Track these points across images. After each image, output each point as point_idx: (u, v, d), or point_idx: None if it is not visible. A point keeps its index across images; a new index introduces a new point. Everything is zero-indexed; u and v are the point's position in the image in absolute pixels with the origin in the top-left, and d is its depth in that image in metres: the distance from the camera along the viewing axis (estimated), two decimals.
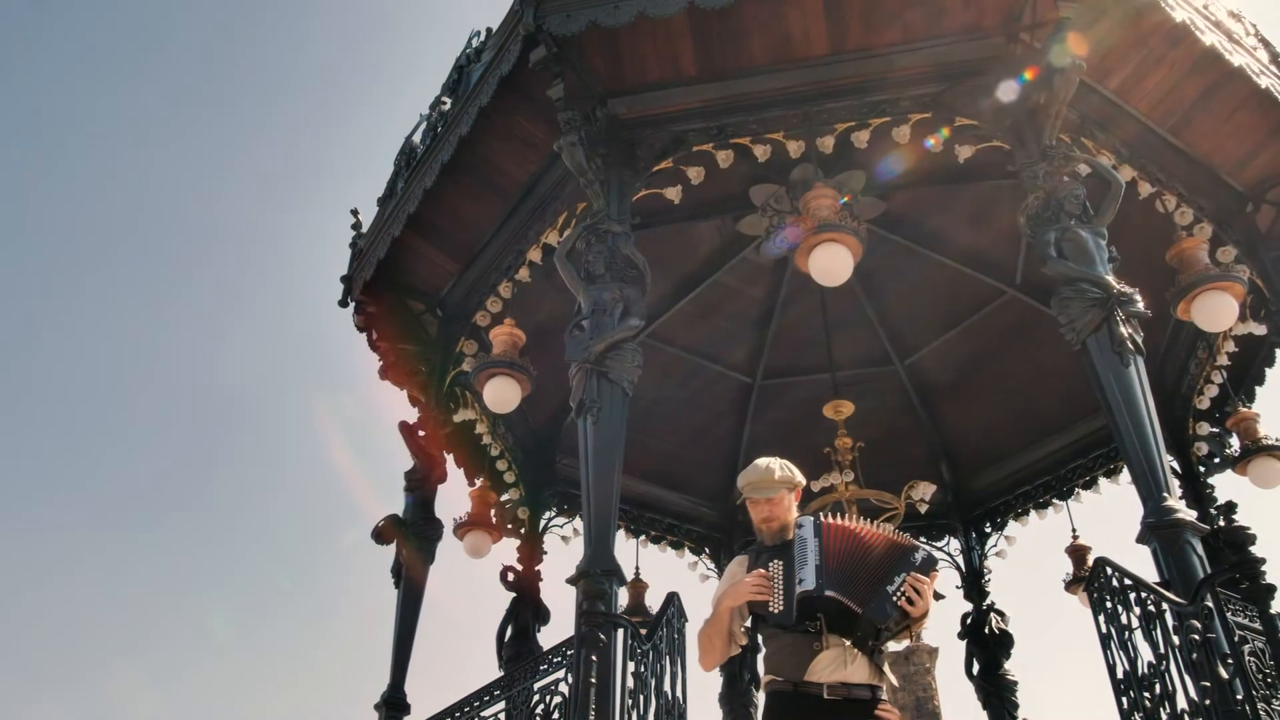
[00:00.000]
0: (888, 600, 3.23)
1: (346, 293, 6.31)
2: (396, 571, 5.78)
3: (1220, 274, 5.16)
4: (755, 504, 3.61)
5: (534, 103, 5.14)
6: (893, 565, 3.29)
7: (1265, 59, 5.28)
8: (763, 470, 3.64)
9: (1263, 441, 6.20)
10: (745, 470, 3.72)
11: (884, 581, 3.25)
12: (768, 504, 3.59)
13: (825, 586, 3.21)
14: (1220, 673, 3.20)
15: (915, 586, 3.23)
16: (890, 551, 3.34)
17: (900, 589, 3.23)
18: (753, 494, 3.62)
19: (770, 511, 3.58)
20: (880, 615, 3.22)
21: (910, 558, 3.31)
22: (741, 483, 3.70)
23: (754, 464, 3.71)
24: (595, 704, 3.62)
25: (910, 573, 3.25)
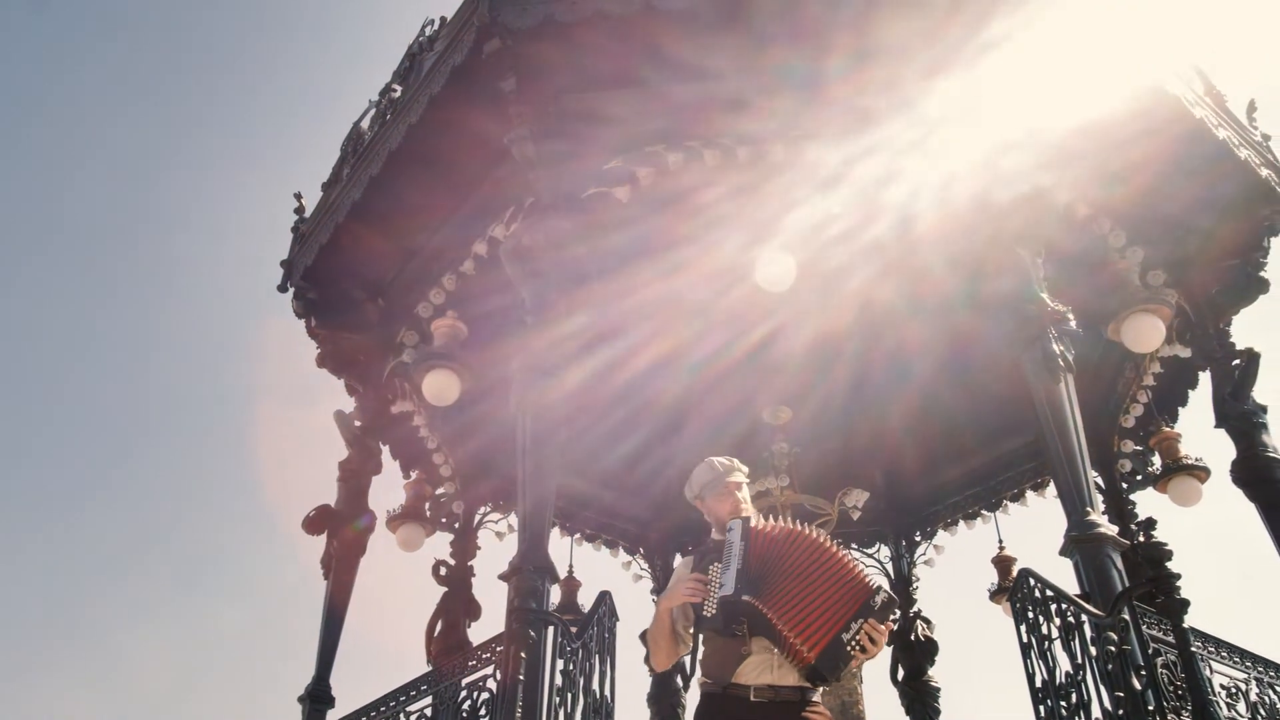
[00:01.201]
0: (840, 651, 3.12)
1: (286, 278, 6.20)
2: (326, 563, 5.70)
3: (1149, 296, 5.31)
4: (724, 496, 3.63)
5: (486, 94, 5.10)
6: (848, 608, 3.17)
7: (1200, 90, 5.43)
8: (728, 464, 3.70)
9: (1183, 461, 6.39)
10: (705, 467, 3.73)
11: (838, 628, 3.14)
12: (738, 490, 3.64)
13: (743, 592, 3.18)
14: (1134, 684, 3.30)
15: (871, 634, 3.19)
16: (844, 591, 3.21)
17: (856, 637, 3.15)
18: (723, 480, 3.65)
19: (739, 500, 3.62)
20: (830, 668, 3.13)
21: (870, 602, 3.19)
22: (707, 476, 3.70)
23: (711, 461, 3.73)
24: (523, 701, 3.61)
25: (869, 619, 3.17)
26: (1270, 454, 5.16)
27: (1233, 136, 5.43)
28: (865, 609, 3.18)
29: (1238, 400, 5.35)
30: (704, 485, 3.70)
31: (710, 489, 3.68)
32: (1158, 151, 5.53)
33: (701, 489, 3.71)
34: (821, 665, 3.14)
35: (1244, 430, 5.29)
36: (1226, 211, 5.70)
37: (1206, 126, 5.28)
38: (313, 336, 6.27)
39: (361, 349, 6.26)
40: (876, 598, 3.20)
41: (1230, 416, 5.35)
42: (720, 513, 3.61)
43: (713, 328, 7.83)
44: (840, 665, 3.15)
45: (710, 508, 3.68)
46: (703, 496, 3.72)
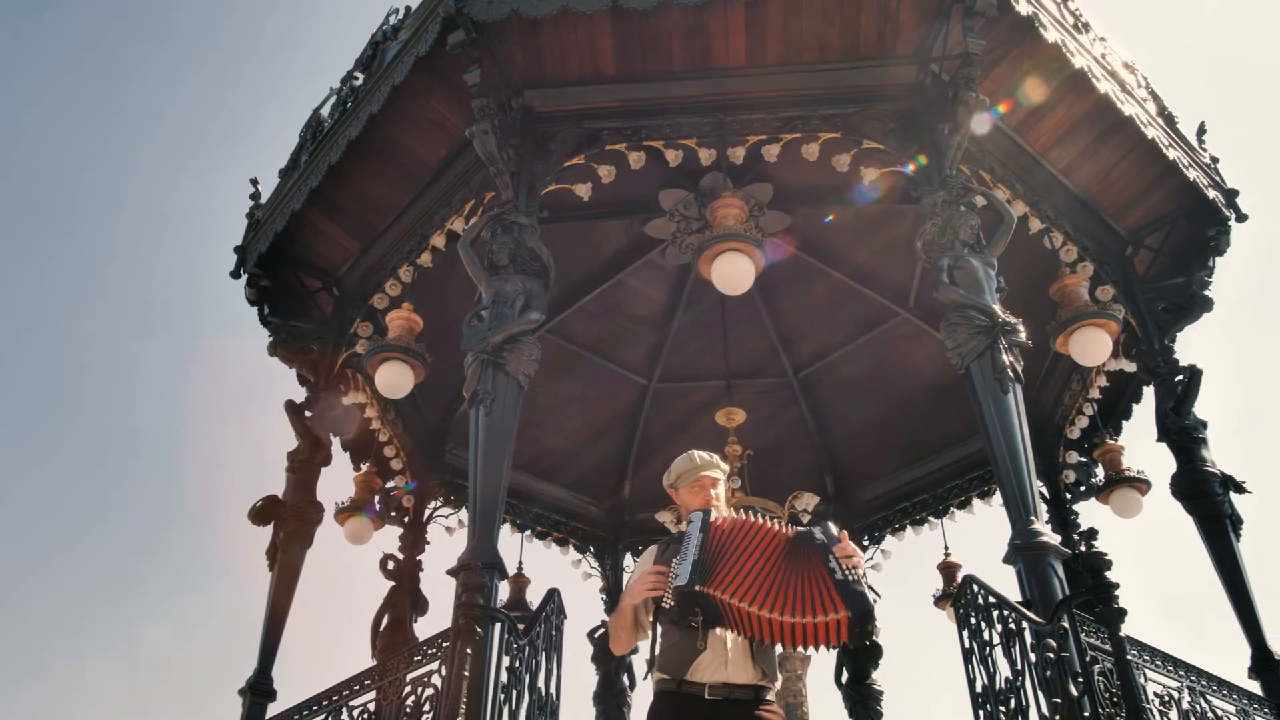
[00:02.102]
0: (851, 590, 3.04)
1: (240, 264, 6.11)
2: (271, 554, 5.63)
3: (1098, 311, 5.41)
4: (699, 486, 3.63)
5: (449, 87, 5.07)
6: (818, 561, 3.14)
7: (1153, 111, 5.56)
8: (708, 458, 3.71)
9: (1125, 473, 6.54)
10: (684, 457, 3.73)
11: (827, 574, 3.08)
12: (713, 485, 3.64)
13: (695, 582, 3.15)
14: (1071, 690, 3.36)
15: (846, 556, 3.15)
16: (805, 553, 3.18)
17: (843, 568, 3.09)
18: (699, 473, 3.65)
19: (713, 494, 3.62)
20: (861, 603, 3.02)
21: (814, 541, 3.19)
22: (684, 466, 3.70)
23: (693, 453, 3.73)
24: (467, 697, 3.59)
25: (832, 549, 3.15)
26: (1209, 469, 5.28)
27: (1182, 157, 5.56)
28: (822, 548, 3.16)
29: (1179, 415, 5.46)
30: (680, 475, 3.71)
31: (686, 479, 3.68)
32: (1110, 169, 5.66)
33: (678, 478, 3.72)
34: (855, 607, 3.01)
35: (1184, 445, 5.40)
36: (1174, 231, 5.83)
37: (1158, 146, 5.40)
38: (265, 324, 6.19)
39: (314, 339, 6.19)
40: (816, 533, 3.24)
41: (1172, 431, 5.46)
42: (691, 505, 3.61)
43: (668, 328, 7.89)
44: (867, 596, 3.04)
45: (683, 498, 3.69)
46: (677, 486, 3.72)
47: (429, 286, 5.94)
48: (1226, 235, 5.75)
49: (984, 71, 4.80)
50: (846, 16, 4.86)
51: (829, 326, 7.77)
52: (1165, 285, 5.88)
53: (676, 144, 5.16)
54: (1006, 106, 5.24)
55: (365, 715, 4.21)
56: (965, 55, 4.67)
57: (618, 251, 7.07)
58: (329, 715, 4.40)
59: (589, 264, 7.10)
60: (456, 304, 5.66)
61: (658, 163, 5.27)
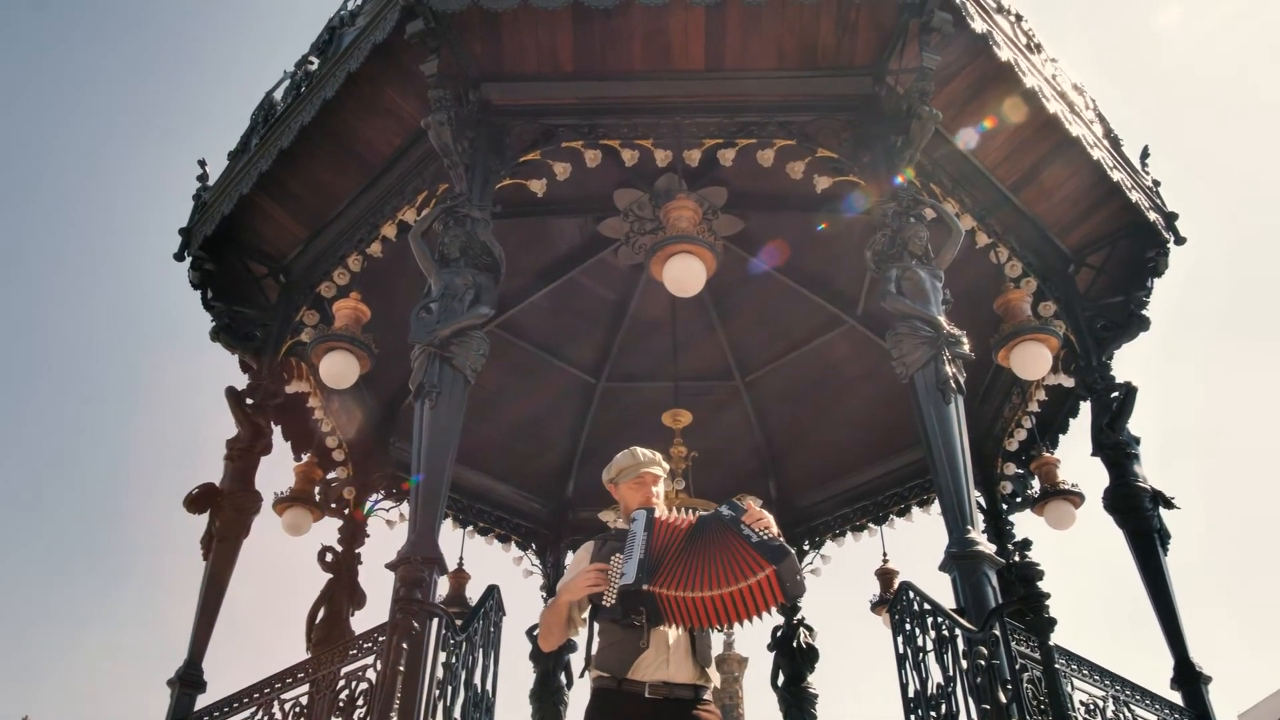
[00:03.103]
0: (768, 545, 3.08)
1: (184, 246, 5.99)
2: (206, 543, 5.52)
3: (1039, 326, 5.52)
4: (639, 483, 3.63)
5: (406, 76, 5.03)
6: (730, 533, 3.18)
7: (1100, 132, 5.69)
8: (651, 455, 3.71)
9: (1060, 486, 6.68)
10: (626, 453, 3.73)
11: (743, 541, 3.12)
12: (654, 483, 3.64)
13: (643, 581, 3.17)
14: (1000, 697, 3.43)
15: (756, 519, 3.19)
16: (718, 529, 3.23)
17: (756, 531, 3.13)
18: (641, 470, 3.65)
19: (654, 492, 3.62)
20: (780, 554, 3.05)
21: (723, 516, 3.25)
22: (625, 462, 3.70)
23: (635, 449, 3.73)
24: (401, 692, 3.56)
25: (741, 519, 3.19)
26: (1140, 484, 5.41)
27: (1125, 179, 5.69)
28: (732, 521, 3.20)
29: (1114, 431, 5.59)
30: (622, 470, 3.70)
31: (627, 475, 3.68)
32: (1057, 188, 5.78)
33: (619, 474, 3.71)
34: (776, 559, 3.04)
35: (1117, 460, 5.53)
36: (1116, 250, 5.97)
37: (1103, 168, 5.53)
38: (208, 309, 6.08)
39: (258, 325, 6.09)
40: (724, 510, 3.27)
41: (1106, 446, 5.59)
42: (631, 501, 3.62)
43: (618, 328, 7.89)
44: (782, 547, 3.08)
45: (623, 494, 3.68)
46: (617, 482, 3.71)
47: (378, 277, 5.87)
48: (1165, 257, 5.90)
49: (938, 87, 4.87)
50: (805, 25, 4.90)
51: (778, 332, 7.82)
52: (1105, 303, 6.00)
53: (633, 144, 5.16)
54: (957, 121, 5.32)
55: (297, 709, 4.15)
56: (920, 70, 4.73)
57: (570, 249, 7.06)
58: (260, 709, 4.33)
59: (541, 260, 7.08)
60: (405, 296, 5.60)
61: (614, 162, 5.27)
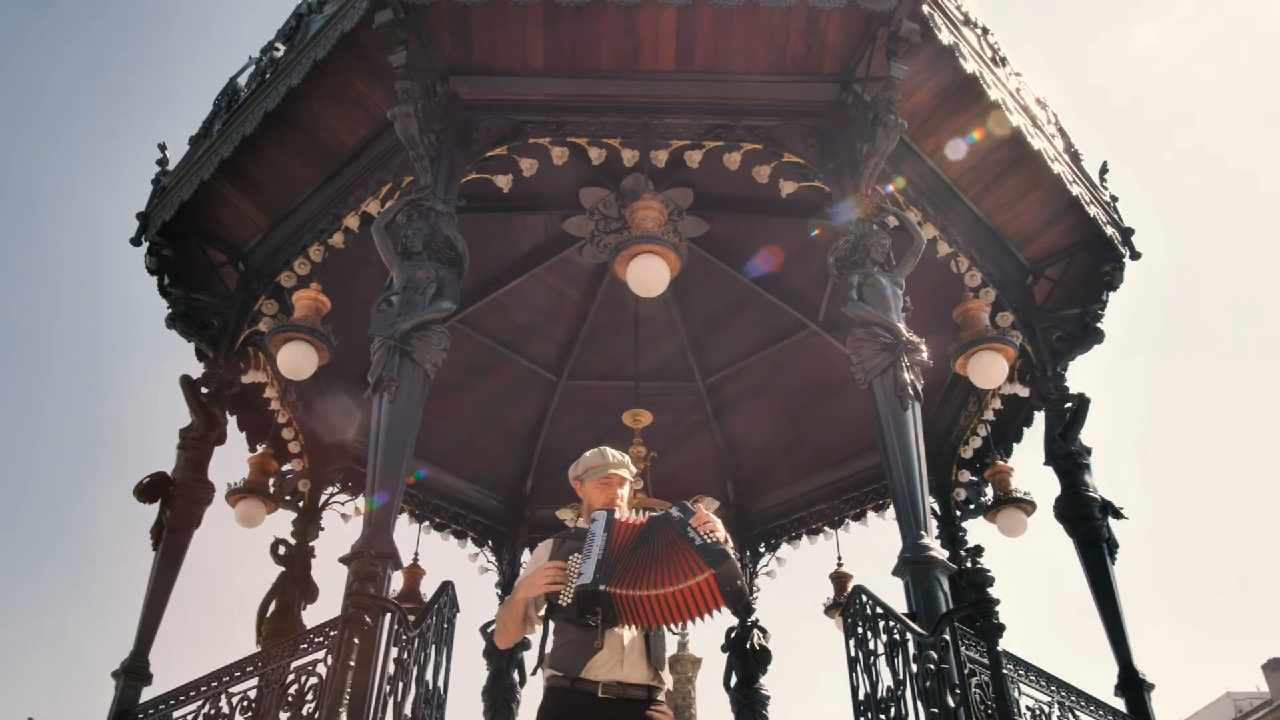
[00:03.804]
0: (709, 549, 3.12)
1: (141, 231, 5.90)
2: (157, 533, 5.44)
3: (997, 336, 5.59)
4: (606, 484, 3.63)
5: (373, 66, 4.99)
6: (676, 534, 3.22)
7: (1060, 147, 5.77)
8: (619, 457, 3.71)
9: (1013, 494, 6.77)
10: (595, 452, 3.73)
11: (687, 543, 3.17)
12: (620, 484, 3.64)
13: (600, 581, 3.18)
14: (949, 701, 3.47)
15: (703, 523, 3.23)
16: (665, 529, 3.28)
17: (700, 534, 3.18)
18: (608, 470, 3.65)
19: (619, 494, 3.62)
20: (720, 558, 3.09)
21: (671, 517, 3.29)
22: (594, 461, 3.69)
23: (604, 449, 3.73)
24: (352, 688, 3.53)
25: (689, 522, 3.23)
26: (1090, 494, 5.50)
27: (1084, 194, 5.78)
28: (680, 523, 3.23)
29: (1066, 441, 5.68)
30: (590, 469, 3.70)
31: (594, 474, 3.68)
32: (1017, 200, 5.85)
33: (586, 471, 3.71)
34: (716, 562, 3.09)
35: (1069, 470, 5.62)
36: (1073, 264, 6.06)
37: (1063, 181, 5.61)
38: (164, 295, 5.99)
39: (216, 313, 6.01)
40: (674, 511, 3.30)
41: (1058, 456, 5.68)
42: (595, 500, 3.62)
43: (580, 327, 7.88)
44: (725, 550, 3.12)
45: (588, 493, 3.69)
46: (584, 480, 3.71)
47: (339, 268, 5.82)
48: (1121, 271, 6.00)
49: (904, 96, 4.92)
50: (775, 30, 4.93)
51: (740, 334, 7.86)
52: (1061, 315, 6.10)
53: (600, 142, 5.16)
54: (922, 130, 5.38)
55: (245, 703, 4.10)
56: (887, 79, 4.77)
57: (535, 246, 7.04)
58: (207, 702, 4.27)
59: (505, 256, 7.05)
60: (367, 288, 5.55)
61: (580, 160, 5.27)
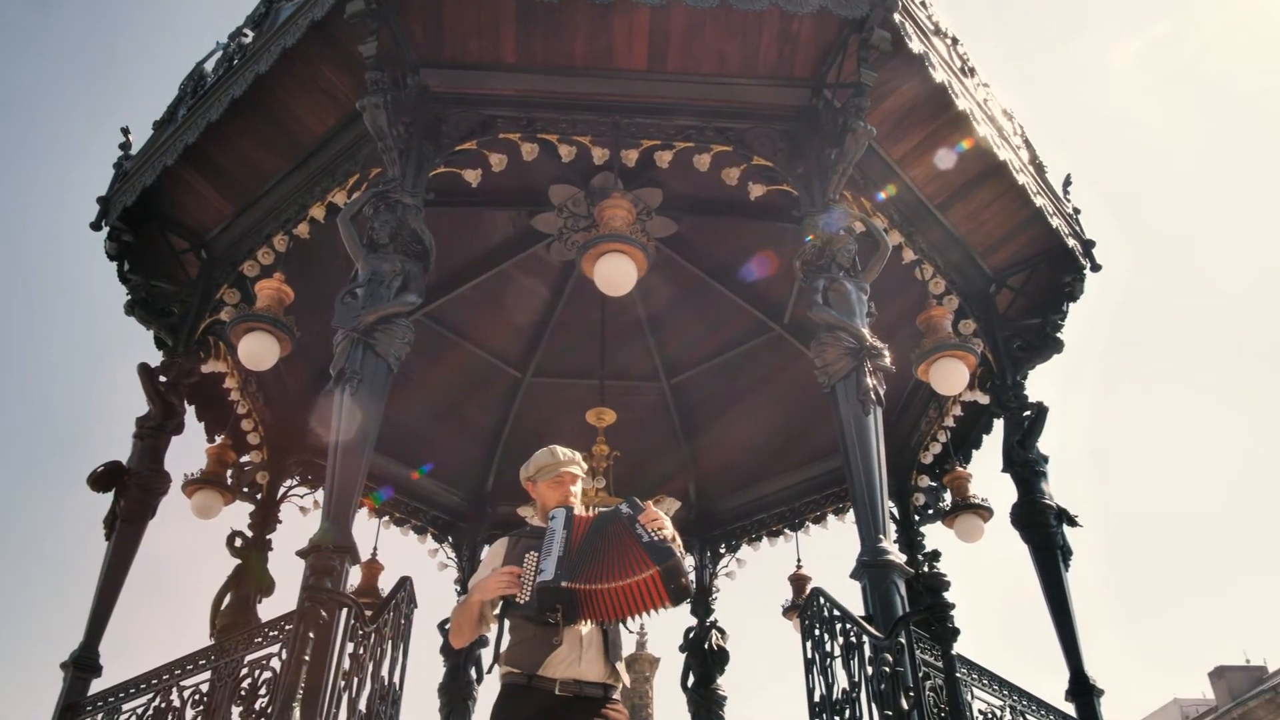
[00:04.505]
0: (656, 546, 3.20)
1: (102, 215, 5.80)
2: (110, 522, 5.35)
3: (958, 343, 5.65)
4: (557, 481, 3.66)
5: (343, 55, 4.95)
6: (625, 529, 3.30)
7: (1025, 159, 5.84)
8: (570, 455, 3.74)
9: (971, 500, 6.85)
10: (545, 451, 3.76)
11: (635, 540, 3.24)
12: (572, 482, 3.67)
13: (562, 578, 3.21)
14: (902, 704, 3.50)
15: (651, 520, 3.30)
16: (615, 524, 3.34)
17: (648, 531, 3.25)
18: (559, 469, 3.68)
19: (572, 491, 3.65)
20: (665, 556, 3.17)
21: (621, 513, 3.35)
22: (545, 460, 3.72)
23: (555, 448, 3.76)
24: (306, 682, 3.50)
25: (637, 518, 3.30)
26: (1046, 501, 5.57)
27: (1048, 205, 5.85)
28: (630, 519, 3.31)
29: (1024, 449, 5.75)
30: (541, 469, 3.73)
31: (546, 474, 3.71)
32: (982, 210, 5.92)
33: (537, 471, 3.74)
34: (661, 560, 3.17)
35: (1026, 477, 5.69)
36: (1035, 274, 6.14)
37: (1027, 193, 5.68)
38: (124, 281, 5.90)
39: (176, 301, 5.93)
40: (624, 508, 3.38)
41: (1016, 463, 5.74)
42: (548, 500, 3.65)
43: (546, 324, 7.87)
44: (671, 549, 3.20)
45: (540, 492, 3.71)
46: (535, 480, 3.74)
47: (304, 258, 5.76)
48: (1081, 282, 6.08)
49: (874, 103, 4.95)
50: (748, 33, 4.95)
51: (705, 336, 7.88)
52: (1022, 324, 6.17)
53: (571, 140, 5.15)
54: (891, 137, 5.43)
55: (197, 696, 4.05)
56: (858, 86, 4.80)
57: (502, 242, 7.01)
58: (158, 695, 4.22)
59: (472, 251, 7.02)
60: (331, 279, 5.50)
61: (550, 157, 5.25)
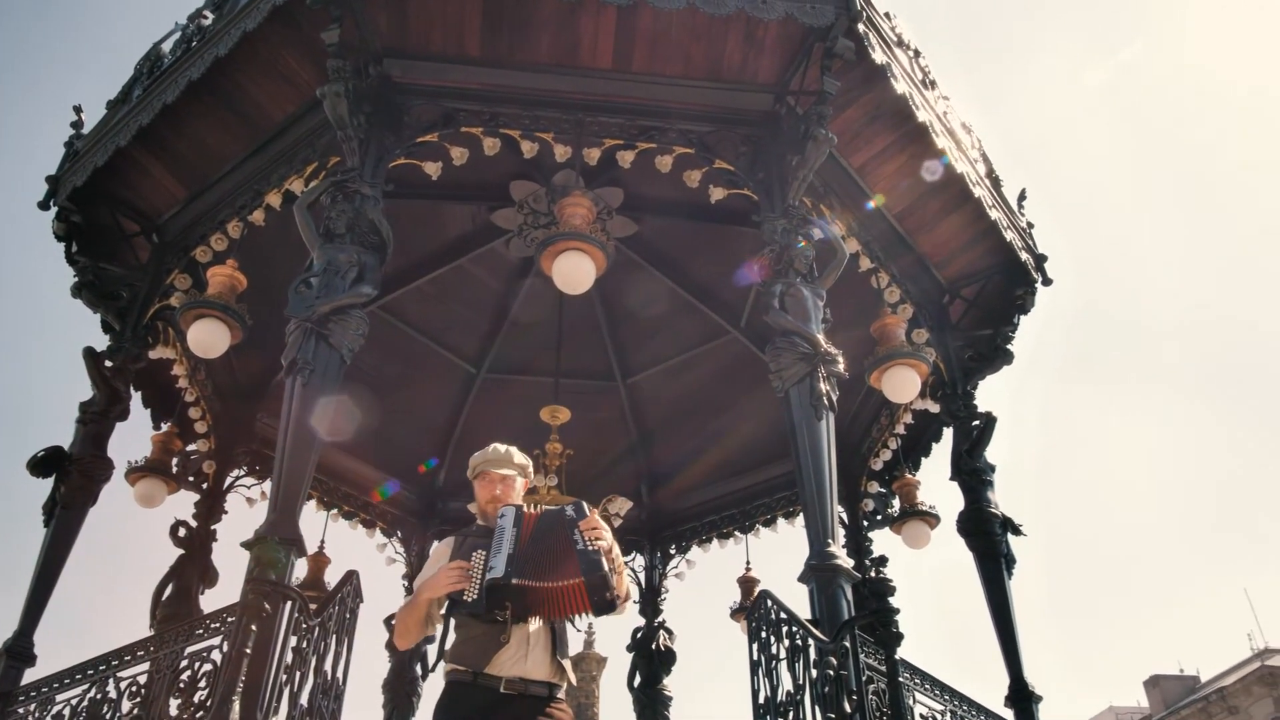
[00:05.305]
0: (591, 554, 3.24)
1: (50, 195, 5.68)
2: (49, 508, 5.24)
3: (911, 352, 5.71)
4: (487, 481, 3.67)
5: (305, 41, 4.89)
6: (565, 533, 3.32)
7: (982, 172, 5.93)
8: (502, 451, 3.75)
9: (918, 507, 6.93)
10: (486, 449, 3.78)
11: (571, 545, 3.27)
12: (501, 482, 3.67)
13: (513, 575, 3.21)
14: (845, 707, 3.53)
15: (590, 529, 3.32)
16: (557, 525, 3.37)
17: (585, 540, 3.27)
18: (488, 468, 3.69)
19: (502, 491, 3.65)
20: (593, 570, 3.21)
21: (565, 516, 3.37)
22: (478, 459, 3.75)
23: (495, 446, 3.78)
24: (247, 675, 3.45)
25: (579, 524, 3.32)
26: (991, 509, 5.66)
27: (1002, 219, 5.94)
28: (570, 523, 3.33)
29: (972, 457, 5.84)
30: (475, 466, 3.77)
31: (475, 471, 3.75)
32: (939, 221, 6.00)
33: (474, 468, 3.78)
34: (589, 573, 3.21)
35: (973, 485, 5.77)
36: (988, 286, 6.23)
37: (983, 205, 5.76)
38: (71, 263, 5.78)
39: (125, 285, 5.82)
40: (568, 509, 3.41)
41: (964, 471, 5.83)
42: (480, 497, 3.69)
43: (502, 320, 7.83)
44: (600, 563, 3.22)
45: (476, 489, 3.74)
46: (473, 476, 3.76)
47: (258, 246, 5.68)
48: (1033, 296, 6.19)
49: (835, 112, 5.00)
50: (714, 37, 4.97)
51: (662, 337, 7.90)
52: (974, 335, 6.26)
53: (533, 136, 5.14)
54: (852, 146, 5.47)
55: (135, 688, 3.98)
56: (820, 93, 4.85)
57: (461, 236, 6.97)
58: (94, 686, 4.14)
59: (430, 245, 6.97)
60: (286, 268, 5.43)
61: (512, 152, 5.23)
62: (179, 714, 3.68)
